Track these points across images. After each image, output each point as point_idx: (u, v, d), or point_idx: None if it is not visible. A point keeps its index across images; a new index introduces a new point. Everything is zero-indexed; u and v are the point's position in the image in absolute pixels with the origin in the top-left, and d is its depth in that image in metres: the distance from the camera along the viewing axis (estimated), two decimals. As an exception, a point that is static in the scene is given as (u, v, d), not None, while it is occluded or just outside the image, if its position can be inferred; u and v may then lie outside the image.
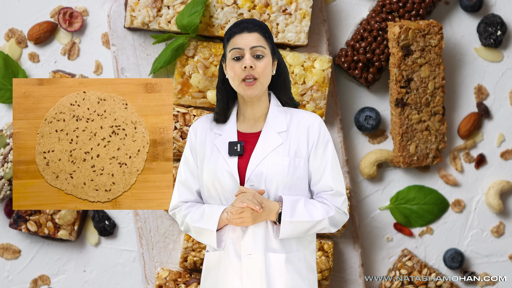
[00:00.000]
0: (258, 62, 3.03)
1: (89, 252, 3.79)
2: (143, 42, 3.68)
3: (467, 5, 3.81)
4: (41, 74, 3.75)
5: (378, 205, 3.85)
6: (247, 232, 3.02)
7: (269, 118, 3.09)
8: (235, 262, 3.02)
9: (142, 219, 3.67)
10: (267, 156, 3.03)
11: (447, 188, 3.87)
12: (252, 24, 3.06)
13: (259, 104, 3.10)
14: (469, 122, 3.85)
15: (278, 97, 3.16)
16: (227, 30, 3.09)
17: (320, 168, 3.06)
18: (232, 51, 3.04)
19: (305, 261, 3.06)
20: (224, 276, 3.03)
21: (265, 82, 3.05)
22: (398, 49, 3.65)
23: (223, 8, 3.61)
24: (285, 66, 3.15)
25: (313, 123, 3.08)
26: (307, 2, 3.61)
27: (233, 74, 3.04)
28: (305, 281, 3.04)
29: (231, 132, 3.09)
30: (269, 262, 3.01)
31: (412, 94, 3.70)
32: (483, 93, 3.86)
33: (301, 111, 3.13)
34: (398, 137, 3.73)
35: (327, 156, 3.06)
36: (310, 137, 3.06)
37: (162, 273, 3.62)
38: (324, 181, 3.05)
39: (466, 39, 3.86)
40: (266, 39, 3.06)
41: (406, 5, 3.73)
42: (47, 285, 3.78)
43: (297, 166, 3.04)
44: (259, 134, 3.09)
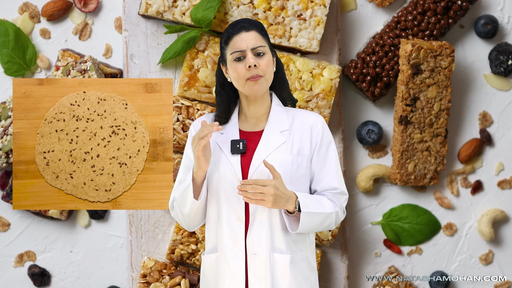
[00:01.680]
0: (261, 60, 3.04)
1: (78, 233, 3.78)
2: (155, 30, 3.68)
3: (482, 31, 3.81)
4: (50, 51, 3.75)
5: (371, 219, 3.85)
6: (251, 231, 3.01)
7: (271, 117, 3.10)
8: (233, 264, 3.01)
9: (134, 206, 3.67)
10: (270, 154, 3.03)
11: (441, 211, 3.87)
12: (249, 23, 3.07)
13: (261, 102, 3.10)
14: (470, 148, 3.85)
15: (278, 95, 3.17)
16: (223, 33, 3.10)
17: (324, 167, 3.07)
18: (234, 53, 3.04)
19: (307, 262, 3.06)
20: (221, 279, 3.03)
21: (269, 79, 3.06)
22: (408, 67, 3.65)
23: (239, 6, 3.60)
24: (281, 63, 3.17)
25: (316, 123, 3.09)
26: (323, 9, 3.61)
27: (237, 75, 3.04)
28: (307, 282, 3.05)
29: (233, 131, 3.10)
30: (274, 263, 3.00)
31: (416, 113, 3.70)
32: (488, 120, 3.86)
33: (303, 111, 3.14)
34: (398, 154, 3.73)
35: (330, 156, 3.08)
36: (313, 137, 3.07)
37: (148, 262, 3.62)
38: (328, 180, 3.06)
39: (476, 65, 3.86)
40: (263, 37, 3.08)
41: (421, 24, 3.73)
42: (33, 261, 3.78)
43: (300, 164, 3.05)
44: (261, 132, 3.10)
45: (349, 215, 3.82)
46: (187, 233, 3.60)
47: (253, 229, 3.01)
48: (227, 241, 3.02)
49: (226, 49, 3.08)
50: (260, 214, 3.01)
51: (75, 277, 3.79)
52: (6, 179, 3.72)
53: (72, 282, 3.79)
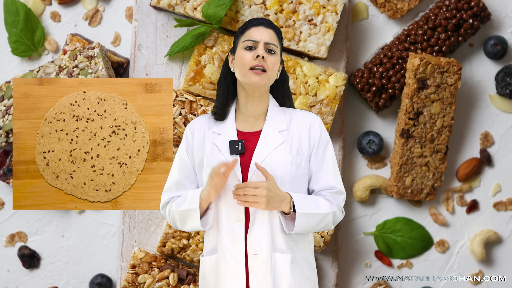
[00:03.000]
0: (270, 57, 3.04)
1: (71, 219, 3.78)
2: (165, 23, 3.68)
3: (491, 51, 3.81)
4: (59, 34, 3.75)
5: (364, 229, 3.85)
6: (252, 232, 3.01)
7: (269, 117, 3.09)
8: (233, 265, 3.00)
9: (130, 196, 3.67)
10: (269, 154, 3.03)
11: (435, 227, 3.87)
12: (269, 23, 3.09)
13: (260, 101, 3.09)
14: (469, 167, 3.85)
15: (280, 103, 3.16)
16: (243, 25, 3.10)
17: (322, 167, 3.07)
18: (246, 41, 3.04)
19: (307, 261, 3.06)
20: (221, 280, 3.02)
21: (272, 78, 3.06)
22: (414, 81, 3.65)
23: (251, 6, 3.60)
24: (286, 75, 3.17)
25: (314, 123, 3.09)
26: (334, 16, 3.61)
27: (242, 62, 3.03)
28: (308, 281, 3.05)
29: (230, 131, 3.08)
30: (275, 262, 3.00)
31: (419, 127, 3.70)
32: (489, 140, 3.86)
33: (300, 111, 3.13)
34: (397, 167, 3.73)
35: (328, 155, 3.08)
36: (311, 136, 3.07)
37: (139, 253, 3.62)
38: (326, 180, 3.06)
39: (482, 84, 3.86)
40: (278, 40, 3.08)
41: (430, 39, 3.73)
42: (23, 242, 3.78)
43: (299, 164, 3.04)
44: (259, 133, 3.09)
45: (342, 223, 3.82)
46: (179, 228, 3.61)
47: (254, 229, 3.00)
48: (227, 242, 3.01)
49: (240, 37, 3.08)
50: (260, 214, 3.01)
51: (64, 262, 3.79)
52: (4, 158, 3.72)
53: (61, 266, 3.79)
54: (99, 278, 3.76)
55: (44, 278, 3.79)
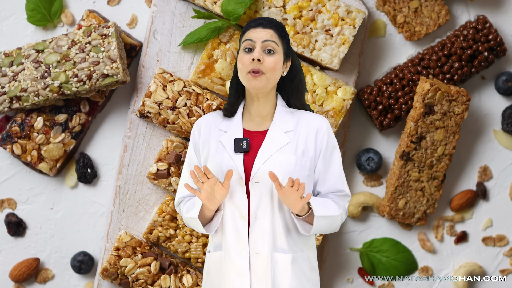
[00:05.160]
0: (268, 57, 3.04)
1: (62, 193, 3.78)
2: (183, 12, 3.68)
3: (501, 87, 3.81)
4: (77, 9, 3.75)
5: (351, 245, 3.85)
6: (253, 230, 3.01)
7: (276, 117, 3.10)
8: (237, 262, 3.01)
9: (124, 179, 3.66)
10: (274, 154, 3.03)
11: (421, 252, 3.87)
12: (268, 21, 3.08)
13: (265, 101, 3.10)
14: (464, 198, 3.85)
15: (288, 101, 3.16)
16: (244, 26, 3.12)
17: (329, 170, 3.08)
18: (244, 43, 3.06)
19: (309, 262, 3.07)
20: (225, 276, 3.03)
21: (272, 78, 3.05)
22: (422, 105, 3.65)
23: (270, 8, 3.60)
24: (300, 71, 3.15)
25: (322, 126, 3.09)
26: (351, 30, 3.61)
27: (241, 65, 3.05)
28: (309, 282, 3.05)
29: (236, 129, 3.09)
30: (276, 262, 3.01)
31: (419, 152, 3.70)
32: (487, 175, 3.86)
33: (308, 113, 3.14)
34: (392, 188, 3.73)
35: (335, 158, 3.09)
36: (319, 139, 3.08)
37: (125, 236, 3.62)
38: (334, 182, 3.08)
39: (488, 118, 3.86)
40: (280, 38, 3.08)
41: (444, 66, 3.73)
42: (12, 209, 3.78)
43: (303, 165, 3.05)
44: (265, 132, 3.09)
45: (330, 236, 3.82)
46: (168, 217, 3.60)
47: (255, 228, 3.02)
48: (231, 239, 3.02)
49: (241, 39, 3.10)
50: (262, 213, 3.02)
51: (49, 234, 3.79)
52: (5, 123, 3.72)
53: (45, 238, 3.79)
54: (82, 255, 3.76)
55: (27, 248, 3.79)
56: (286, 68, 3.10)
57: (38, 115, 3.66)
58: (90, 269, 3.77)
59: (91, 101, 3.69)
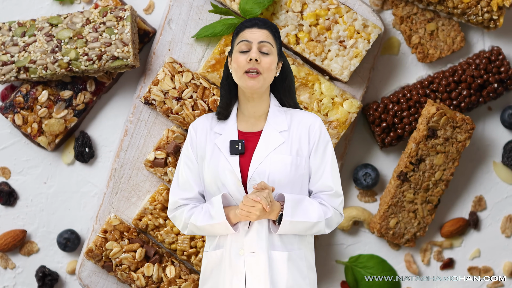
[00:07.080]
0: (264, 58, 3.05)
1: (57, 168, 3.78)
2: (201, 5, 3.68)
3: (506, 120, 3.81)
4: (95, -12, 3.75)
5: (337, 257, 3.85)
6: (250, 230, 3.02)
7: (269, 117, 3.10)
8: (235, 260, 3.02)
9: (120, 162, 3.66)
10: (269, 154, 3.04)
11: (406, 273, 3.86)
12: (263, 22, 3.10)
13: (260, 102, 3.11)
14: (455, 225, 3.84)
15: (281, 100, 3.17)
16: (238, 25, 3.12)
17: (320, 167, 3.07)
18: (240, 43, 3.06)
19: (306, 260, 3.08)
20: (225, 275, 3.03)
21: (268, 79, 3.07)
22: (425, 128, 3.65)
23: (288, 12, 3.60)
24: (291, 72, 3.17)
25: (314, 123, 3.10)
26: (365, 44, 3.61)
27: (237, 65, 3.05)
28: (306, 280, 3.06)
29: (231, 131, 3.10)
30: (272, 260, 3.02)
31: (417, 174, 3.69)
32: (481, 205, 3.86)
33: (301, 111, 3.15)
34: (385, 206, 3.73)
35: (327, 156, 3.09)
36: (311, 137, 3.08)
37: (114, 220, 3.62)
38: (323, 180, 3.07)
39: (490, 149, 3.86)
40: (275, 39, 3.10)
41: (452, 92, 3.73)
42: (6, 178, 3.78)
43: (299, 164, 3.05)
44: (259, 133, 3.10)
45: (317, 246, 3.82)
46: (160, 206, 3.60)
47: (252, 228, 3.03)
48: (230, 239, 3.04)
49: (235, 39, 3.10)
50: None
51: (39, 208, 3.79)
52: (10, 92, 3.72)
53: (34, 212, 3.78)
54: (69, 233, 3.76)
55: (15, 219, 3.79)
56: (278, 68, 3.12)
57: (44, 88, 3.66)
58: (75, 248, 3.77)
59: (97, 81, 3.69)
